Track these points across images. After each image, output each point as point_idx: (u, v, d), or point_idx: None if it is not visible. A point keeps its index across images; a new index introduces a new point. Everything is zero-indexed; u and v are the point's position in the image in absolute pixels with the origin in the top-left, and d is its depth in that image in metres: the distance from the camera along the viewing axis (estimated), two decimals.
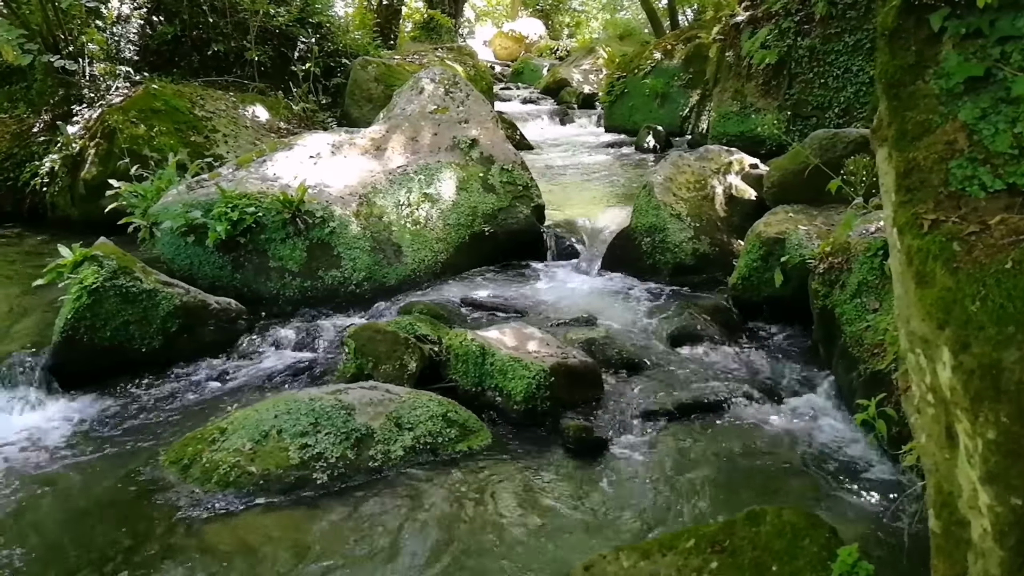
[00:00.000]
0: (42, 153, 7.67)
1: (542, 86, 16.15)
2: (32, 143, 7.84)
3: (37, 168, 7.58)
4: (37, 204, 7.67)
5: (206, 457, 3.37)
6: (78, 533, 3.11)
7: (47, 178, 7.52)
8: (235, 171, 5.74)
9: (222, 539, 3.02)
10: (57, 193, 7.49)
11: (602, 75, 14.60)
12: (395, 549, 2.93)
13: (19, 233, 7.37)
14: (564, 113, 13.22)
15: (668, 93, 10.65)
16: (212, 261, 5.27)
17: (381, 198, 5.71)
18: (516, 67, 19.18)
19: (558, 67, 16.91)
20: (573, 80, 15.31)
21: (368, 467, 3.37)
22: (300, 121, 8.54)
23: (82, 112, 7.66)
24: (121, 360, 4.41)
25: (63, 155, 7.39)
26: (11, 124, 8.29)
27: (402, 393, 3.72)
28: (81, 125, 7.54)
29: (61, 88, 7.89)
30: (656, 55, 11.03)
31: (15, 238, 7.20)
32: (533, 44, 21.98)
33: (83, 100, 7.77)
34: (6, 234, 7.34)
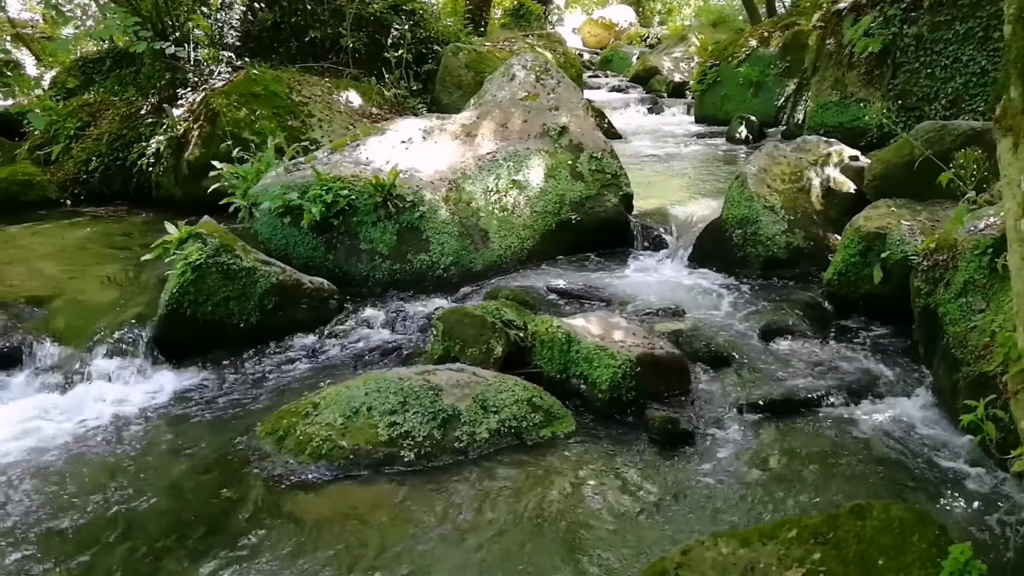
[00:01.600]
0: (149, 135, 8.03)
1: (631, 74, 15.95)
2: (140, 125, 8.22)
3: (144, 149, 7.95)
4: (143, 183, 8.05)
5: (300, 430, 3.48)
6: (181, 495, 3.27)
7: (153, 159, 7.88)
8: (330, 155, 5.89)
9: (314, 509, 3.12)
10: (162, 173, 7.83)
11: (694, 63, 14.33)
12: (480, 530, 2.97)
13: (127, 211, 7.76)
14: (653, 102, 13.04)
15: (763, 82, 10.38)
16: (306, 242, 5.42)
17: (470, 184, 5.76)
18: (605, 55, 19.01)
19: (648, 55, 16.67)
20: (663, 68, 15.06)
21: (454, 448, 3.43)
22: (391, 107, 8.69)
23: (186, 96, 7.99)
24: (220, 334, 4.60)
25: (168, 137, 7.72)
26: (121, 107, 8.72)
27: (488, 376, 3.76)
28: (185, 108, 7.86)
29: (168, 72, 8.25)
30: (751, 43, 10.76)
31: (123, 216, 7.58)
32: (623, 31, 21.72)
33: (188, 84, 8.09)
34: (115, 212, 7.73)
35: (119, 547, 2.92)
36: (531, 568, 2.72)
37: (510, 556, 2.81)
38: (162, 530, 3.05)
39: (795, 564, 1.92)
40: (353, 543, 2.91)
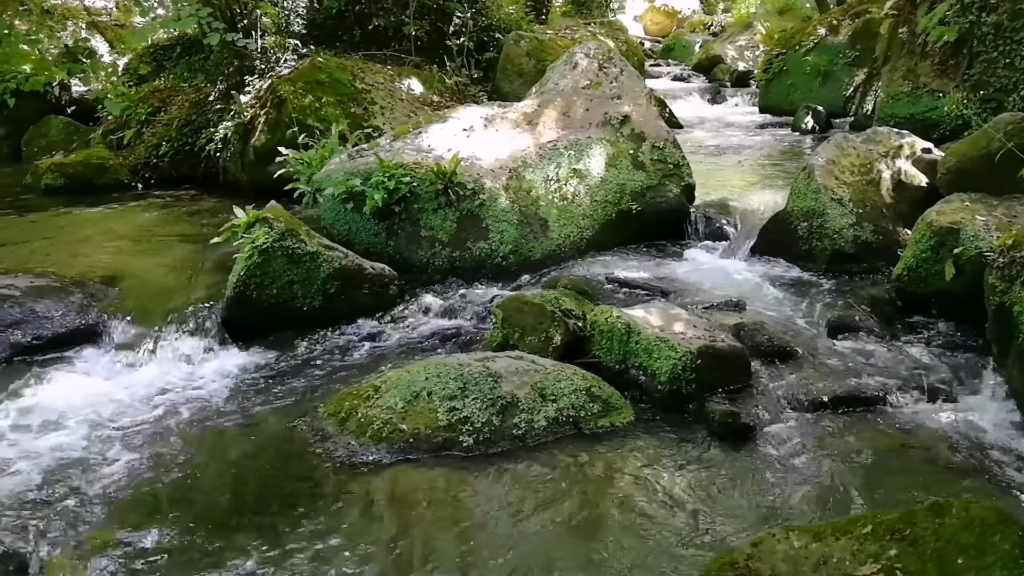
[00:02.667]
0: (216, 121, 8.23)
1: (693, 63, 15.71)
2: (208, 111, 8.43)
3: (212, 135, 8.15)
4: (211, 168, 8.25)
5: (361, 412, 3.55)
6: (248, 471, 3.36)
7: (220, 144, 8.07)
8: (392, 142, 5.95)
9: (374, 489, 3.18)
10: (229, 159, 8.02)
11: (758, 52, 14.04)
12: (537, 517, 2.98)
13: (195, 195, 7.97)
14: (716, 91, 12.83)
15: (831, 71, 10.11)
16: (368, 228, 5.50)
17: (530, 172, 5.76)
18: (667, 43, 18.76)
19: (711, 43, 16.40)
20: (727, 57, 14.80)
21: (512, 434, 3.45)
22: (452, 95, 8.73)
23: (253, 83, 8.16)
24: (284, 316, 4.70)
25: (235, 123, 7.90)
26: (190, 93, 8.95)
27: (547, 365, 3.77)
28: (252, 95, 8.03)
29: (235, 60, 8.43)
30: (820, 31, 10.48)
31: (192, 200, 7.79)
32: (686, 19, 21.40)
33: (255, 71, 8.26)
34: (184, 195, 7.95)
35: (187, 519, 3.02)
36: (590, 557, 2.73)
37: (567, 544, 2.82)
38: (229, 505, 3.14)
39: (870, 560, 1.89)
40: (411, 525, 2.96)
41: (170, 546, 2.87)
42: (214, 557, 2.80)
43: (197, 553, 2.83)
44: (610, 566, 2.68)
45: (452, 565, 2.71)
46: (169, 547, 2.87)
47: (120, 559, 2.82)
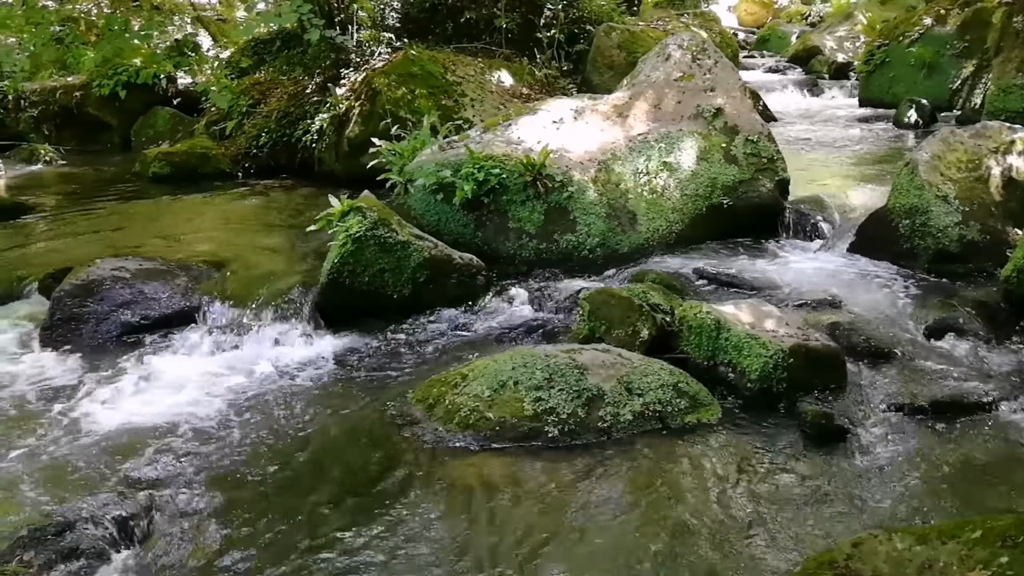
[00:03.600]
0: (313, 113, 8.46)
1: (789, 54, 15.23)
2: (305, 103, 8.68)
3: (308, 126, 8.39)
4: (307, 158, 8.50)
5: (449, 399, 3.61)
6: (339, 453, 3.47)
7: (316, 135, 8.30)
8: (482, 134, 6.00)
9: (460, 475, 3.24)
10: (324, 149, 8.25)
11: (859, 43, 13.51)
12: (620, 511, 2.98)
13: (291, 184, 8.23)
14: (813, 83, 12.41)
15: (937, 63, 9.65)
16: (457, 219, 5.56)
17: (620, 165, 5.72)
18: (762, 34, 18.25)
19: (809, 34, 15.87)
20: (825, 48, 14.29)
21: (597, 427, 3.45)
22: (542, 87, 8.73)
23: (348, 75, 8.35)
24: (375, 304, 4.81)
25: (331, 115, 8.11)
26: (288, 86, 9.23)
27: (634, 359, 3.75)
28: (347, 87, 8.23)
29: (332, 53, 8.65)
30: (926, 20, 10.02)
31: (288, 189, 8.05)
32: (782, 9, 20.75)
33: (350, 64, 8.46)
34: (281, 185, 8.23)
35: (280, 498, 3.14)
36: (675, 553, 2.71)
37: (651, 539, 2.80)
38: (320, 482, 3.25)
39: (979, 566, 1.82)
40: (495, 512, 3.00)
41: (263, 517, 3.00)
42: (303, 531, 2.90)
43: (288, 526, 2.94)
44: (696, 563, 2.66)
45: (534, 554, 2.74)
46: (262, 518, 2.99)
47: (218, 525, 2.96)
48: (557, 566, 2.67)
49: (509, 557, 2.73)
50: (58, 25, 7.02)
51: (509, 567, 2.68)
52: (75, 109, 10.97)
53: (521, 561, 2.70)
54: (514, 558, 2.72)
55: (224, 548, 2.85)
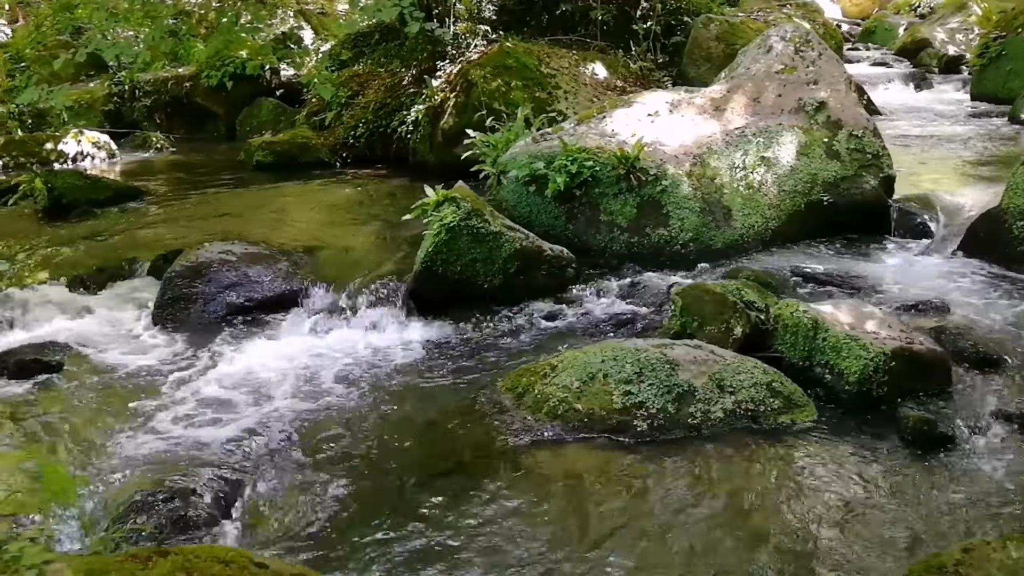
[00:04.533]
0: (409, 104, 8.62)
1: (896, 47, 14.60)
2: (402, 95, 8.84)
3: (404, 117, 8.55)
4: (401, 149, 8.65)
5: (538, 389, 3.63)
6: (429, 437, 3.55)
7: (411, 126, 8.45)
8: (576, 126, 6.00)
9: (547, 464, 3.26)
10: (419, 140, 8.38)
11: (972, 35, 12.82)
12: (708, 508, 2.95)
13: (386, 174, 8.40)
14: (921, 77, 11.87)
15: None
16: (549, 210, 5.58)
17: (715, 159, 5.62)
18: (867, 26, 17.53)
19: (918, 26, 15.16)
20: (935, 40, 13.63)
21: (687, 423, 3.41)
22: (636, 79, 8.64)
23: (444, 67, 8.47)
24: (466, 293, 4.87)
25: (426, 106, 8.24)
26: (386, 78, 9.42)
27: (726, 356, 3.69)
28: (443, 79, 8.34)
29: (429, 46, 8.78)
30: None
31: (383, 179, 8.23)
32: (889, 0, 19.91)
33: (446, 56, 8.57)
34: (376, 174, 8.41)
35: (373, 476, 3.24)
36: (765, 555, 2.66)
37: (740, 541, 2.76)
38: (410, 465, 3.34)
39: None
40: (580, 502, 3.01)
41: (357, 493, 3.10)
42: (394, 509, 2.98)
43: (379, 503, 3.03)
44: (790, 567, 2.60)
45: (617, 546, 2.73)
46: (356, 494, 3.09)
47: (312, 500, 3.07)
48: (639, 561, 2.66)
49: (590, 547, 2.73)
50: (172, 19, 7.37)
51: (589, 557, 2.68)
52: (185, 99, 11.49)
53: (601, 552, 2.70)
54: (595, 549, 2.72)
55: (318, 522, 2.95)
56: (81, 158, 9.67)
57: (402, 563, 2.68)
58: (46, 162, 9.44)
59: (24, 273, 5.54)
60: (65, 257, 5.83)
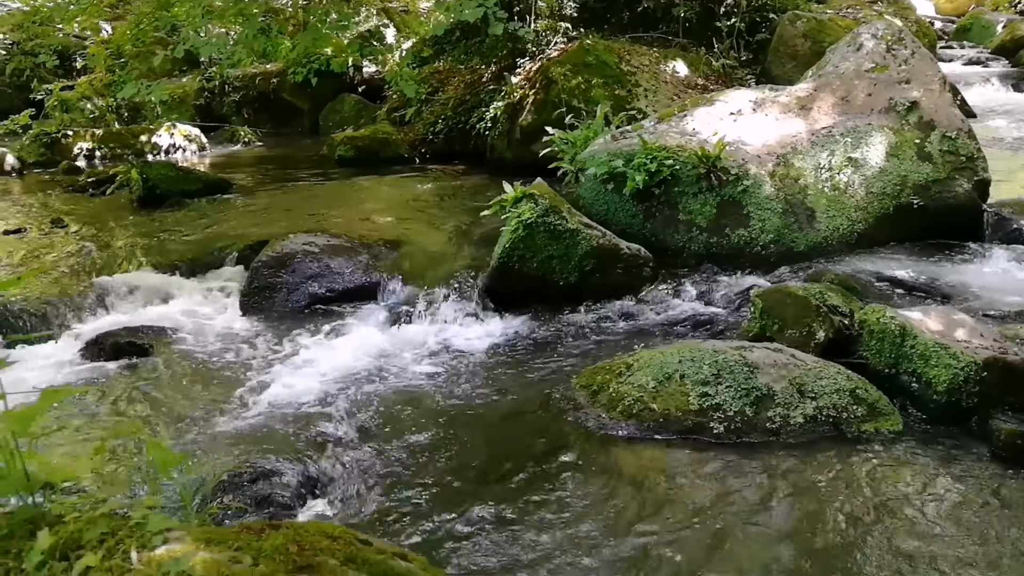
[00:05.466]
0: (488, 101, 8.68)
1: (994, 45, 13.96)
2: (481, 92, 8.92)
3: (483, 114, 8.62)
4: (479, 146, 8.73)
5: (613, 387, 3.62)
6: (502, 431, 3.58)
7: (490, 123, 8.51)
8: (656, 124, 5.94)
9: (620, 463, 3.25)
10: (496, 137, 8.44)
11: None
12: (785, 515, 2.89)
13: (464, 170, 8.49)
14: (1020, 77, 11.34)
15: None
16: (626, 209, 5.55)
17: (800, 159, 5.49)
18: (962, 23, 16.82)
19: (1018, 23, 14.46)
20: None
21: (765, 427, 3.35)
22: (718, 78, 8.51)
23: (524, 64, 8.50)
24: (541, 290, 4.89)
25: (505, 103, 8.29)
26: (466, 74, 9.52)
27: (808, 360, 3.61)
28: (522, 76, 8.38)
29: (509, 43, 8.82)
30: None
31: (461, 175, 8.32)
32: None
33: (526, 54, 8.60)
34: (454, 170, 8.51)
35: (448, 466, 3.28)
36: (839, 570, 2.59)
37: (815, 551, 2.69)
38: (483, 459, 3.37)
39: None
40: (653, 502, 2.98)
41: (432, 483, 3.14)
42: (466, 506, 3.00)
43: (450, 499, 3.06)
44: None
45: (685, 550, 2.69)
46: (431, 483, 3.14)
47: (387, 487, 3.13)
48: (705, 567, 2.62)
49: (658, 548, 2.71)
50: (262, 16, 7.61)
51: (656, 558, 2.66)
52: (271, 95, 11.86)
53: (669, 555, 2.67)
54: (663, 550, 2.70)
55: (393, 508, 3.01)
56: (173, 150, 10.09)
57: (475, 552, 2.71)
58: (141, 154, 9.89)
59: (120, 260, 5.82)
60: (158, 245, 6.10)
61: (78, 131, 10.12)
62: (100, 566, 1.02)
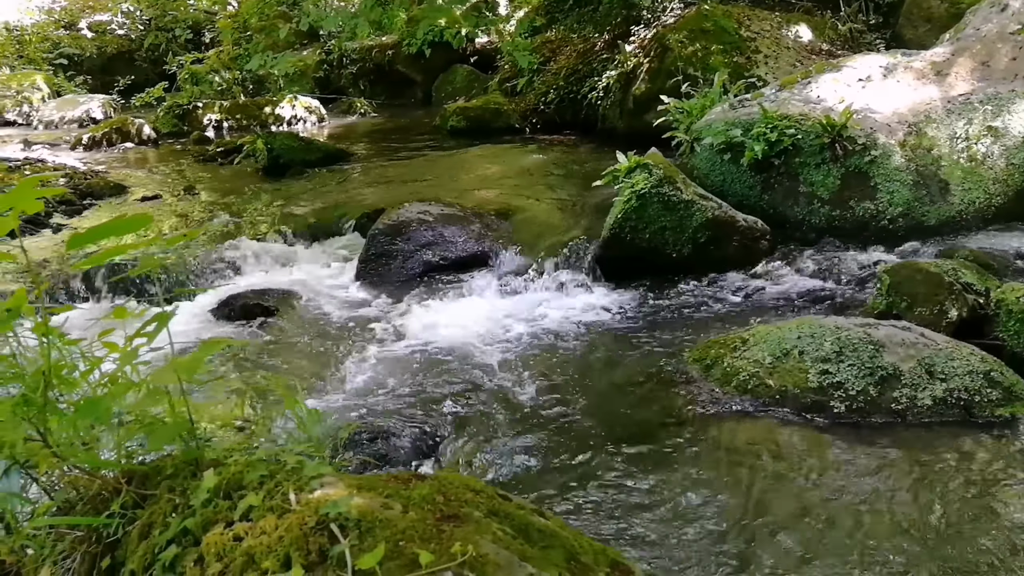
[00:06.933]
0: (600, 70, 8.59)
1: None
2: (594, 61, 8.83)
3: (595, 83, 8.54)
4: (590, 116, 8.67)
5: (727, 362, 3.56)
6: (611, 401, 3.58)
7: (602, 93, 8.43)
8: (778, 92, 5.73)
9: (735, 438, 3.19)
10: (608, 107, 8.35)
11: None
12: (908, 502, 2.76)
13: (574, 141, 8.46)
14: None
15: None
16: (743, 180, 5.40)
17: (933, 128, 5.19)
18: None
19: None
20: None
21: (889, 408, 3.21)
22: (844, 43, 8.11)
23: (638, 32, 8.34)
24: (653, 261, 4.84)
25: (618, 72, 8.17)
26: (578, 43, 9.43)
27: (938, 340, 3.43)
28: (636, 44, 8.23)
29: (623, 10, 8.67)
30: None
31: (571, 145, 8.29)
32: None
33: (640, 21, 8.43)
34: (564, 140, 8.49)
35: (555, 434, 3.30)
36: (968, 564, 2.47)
37: (935, 542, 2.57)
38: (596, 428, 3.37)
39: None
40: (767, 480, 2.91)
41: (538, 454, 3.18)
42: (577, 473, 3.03)
43: (562, 466, 3.09)
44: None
45: (795, 530, 2.61)
46: (538, 454, 3.17)
47: (498, 451, 3.19)
48: (815, 551, 2.54)
49: (768, 527, 2.65)
50: None
51: (764, 538, 2.60)
52: (386, 66, 12.11)
53: (777, 534, 2.60)
54: (773, 529, 2.64)
55: (503, 474, 3.06)
56: (295, 121, 10.49)
57: (585, 521, 2.74)
58: (265, 125, 10.32)
59: (246, 226, 6.11)
60: (281, 213, 6.37)
61: (207, 103, 10.64)
62: (262, 505, 1.10)
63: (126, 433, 1.47)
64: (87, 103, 11.59)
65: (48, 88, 12.47)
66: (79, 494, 1.52)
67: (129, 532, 1.29)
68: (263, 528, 1.06)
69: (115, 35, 14.63)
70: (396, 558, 0.97)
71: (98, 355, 1.59)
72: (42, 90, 12.32)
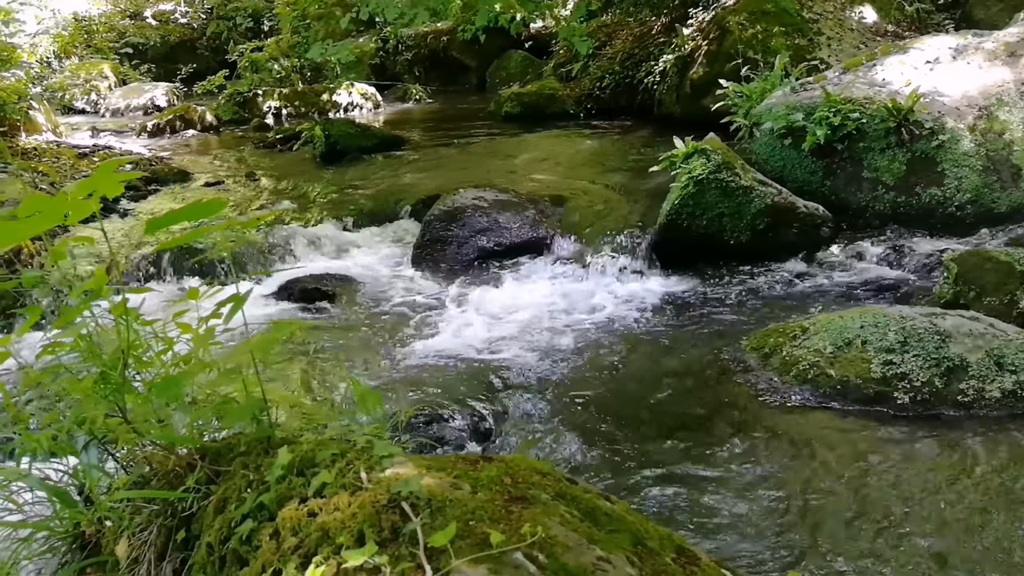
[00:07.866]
0: (657, 54, 8.47)
1: None
2: (650, 45, 8.71)
3: (651, 68, 8.43)
4: (646, 100, 8.56)
5: (786, 351, 3.51)
6: (667, 388, 3.56)
7: (658, 77, 8.31)
8: (841, 75, 5.59)
9: (794, 429, 3.15)
10: (664, 91, 8.24)
11: None
12: (978, 498, 2.70)
13: (629, 126, 8.37)
14: None
15: None
16: (804, 165, 5.29)
17: (1006, 112, 5.01)
18: None
19: None
20: None
21: (956, 400, 3.14)
22: (911, 23, 7.84)
23: (696, 15, 8.20)
24: (710, 248, 4.79)
25: (675, 56, 8.05)
26: (634, 27, 9.32)
27: (1008, 331, 3.33)
28: (694, 27, 8.09)
29: None
30: None
31: (627, 130, 8.20)
32: None
33: (698, 3, 8.29)
34: (620, 126, 8.41)
35: (610, 421, 3.29)
36: None
37: (1005, 541, 2.50)
38: (651, 416, 3.36)
39: None
40: (828, 472, 2.87)
41: (594, 441, 3.18)
42: (633, 460, 3.02)
43: (619, 452, 3.09)
44: None
45: (856, 526, 2.57)
46: (593, 441, 3.17)
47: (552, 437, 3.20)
48: (873, 547, 2.49)
49: (828, 521, 2.61)
50: None
51: (830, 531, 2.56)
52: (441, 53, 12.14)
53: (835, 529, 2.56)
54: (840, 523, 2.60)
55: (559, 458, 3.08)
56: (351, 108, 10.61)
57: (645, 507, 2.73)
58: (322, 111, 10.46)
59: (305, 211, 6.22)
60: (339, 199, 6.46)
61: (267, 90, 10.83)
62: (334, 483, 1.13)
63: (199, 412, 1.52)
64: (151, 91, 11.90)
65: (114, 77, 12.83)
66: (153, 470, 1.58)
67: (204, 507, 1.34)
68: (336, 505, 1.09)
69: (178, 24, 14.96)
70: (467, 537, 0.99)
71: (171, 335, 1.65)
72: (109, 79, 12.68)
